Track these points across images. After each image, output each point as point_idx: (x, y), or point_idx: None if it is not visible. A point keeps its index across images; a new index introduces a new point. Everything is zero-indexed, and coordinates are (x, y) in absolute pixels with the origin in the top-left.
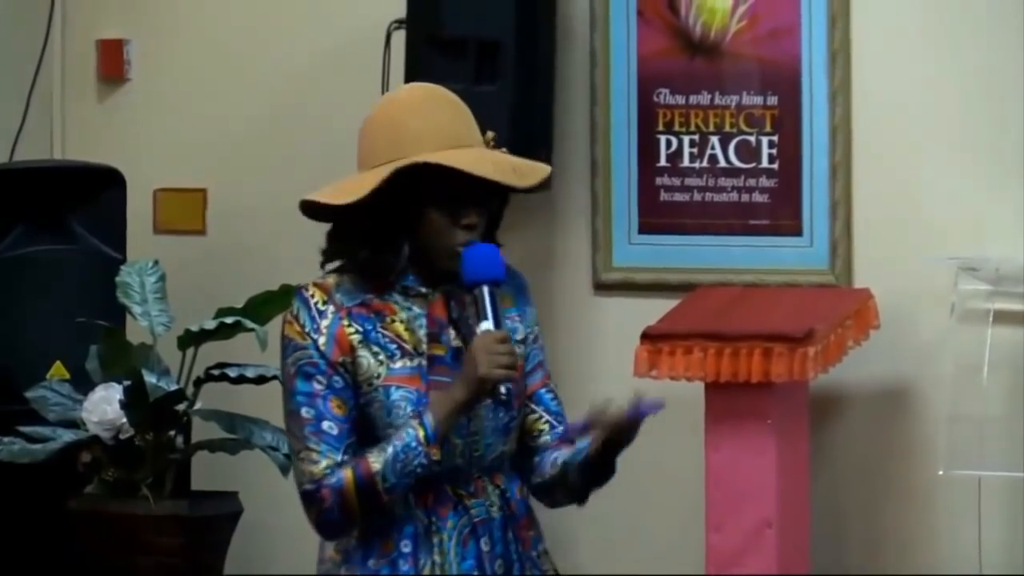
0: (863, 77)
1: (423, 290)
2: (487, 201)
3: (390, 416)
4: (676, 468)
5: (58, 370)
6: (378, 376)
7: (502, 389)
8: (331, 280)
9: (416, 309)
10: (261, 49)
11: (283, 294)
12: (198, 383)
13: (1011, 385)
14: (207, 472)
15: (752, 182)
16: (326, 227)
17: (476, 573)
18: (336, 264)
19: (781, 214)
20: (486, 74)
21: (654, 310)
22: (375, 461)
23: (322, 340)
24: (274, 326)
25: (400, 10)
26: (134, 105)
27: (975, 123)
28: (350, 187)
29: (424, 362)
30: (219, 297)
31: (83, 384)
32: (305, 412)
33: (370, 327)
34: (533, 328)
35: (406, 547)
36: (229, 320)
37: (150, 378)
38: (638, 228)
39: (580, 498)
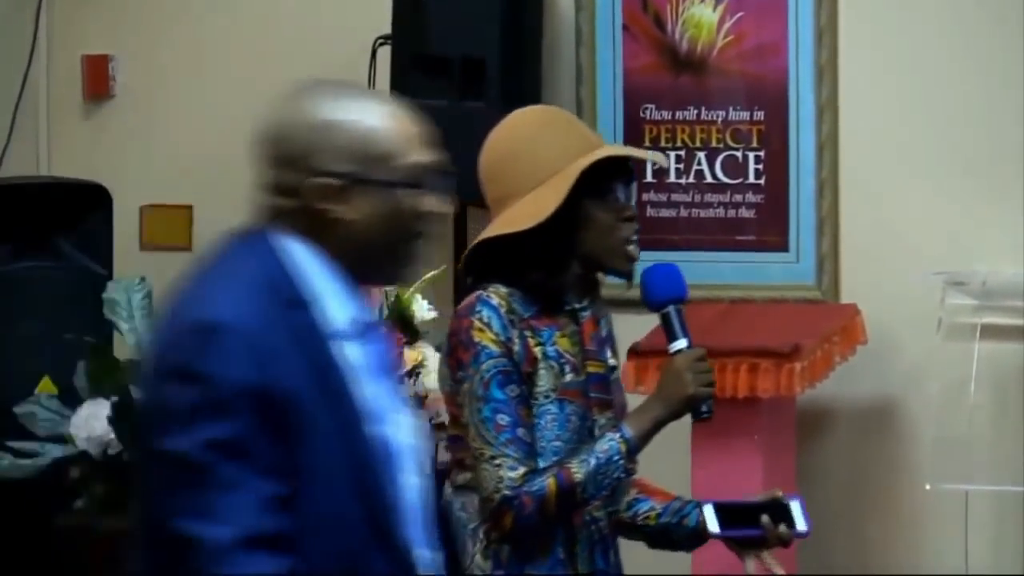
0: (850, 93)
1: (577, 306)
2: (632, 191)
3: (560, 429)
4: (662, 484)
5: (46, 386)
6: (555, 389)
7: (704, 408)
8: (504, 291)
9: (573, 326)
10: (247, 65)
11: None
12: None
13: (998, 399)
14: None
15: (739, 198)
16: None
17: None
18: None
19: (768, 230)
20: (471, 91)
21: (642, 326)
22: (577, 471)
23: (516, 348)
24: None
25: (385, 27)
26: (120, 121)
27: (962, 139)
28: (523, 215)
29: (583, 377)
30: None
31: (71, 400)
32: (501, 419)
33: (546, 340)
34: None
35: (561, 554)
36: None
37: (138, 394)
38: None
39: (656, 546)
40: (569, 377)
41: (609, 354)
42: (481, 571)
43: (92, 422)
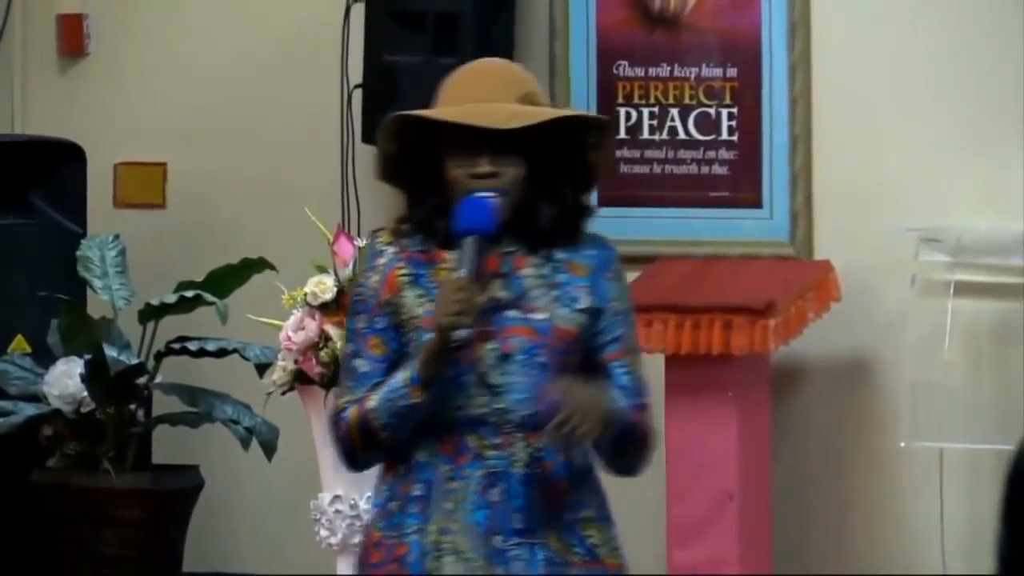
0: (823, 49)
1: (503, 248)
2: (504, 150)
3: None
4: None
5: (19, 344)
6: (416, 317)
7: (458, 335)
8: (409, 227)
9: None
10: (222, 24)
11: (243, 267)
12: (159, 357)
13: (972, 356)
14: (168, 446)
15: (712, 154)
16: (283, 204)
17: (487, 524)
18: None
19: (741, 186)
20: (445, 47)
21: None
22: (372, 399)
23: (375, 279)
24: (236, 299)
25: None
26: (94, 80)
27: (935, 95)
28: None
29: None
30: (179, 271)
31: (44, 358)
32: (347, 347)
33: (422, 272)
34: (614, 303)
35: (417, 491)
36: (189, 294)
37: (111, 352)
38: (598, 200)
39: (617, 471)
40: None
41: (497, 287)
42: (372, 505)
43: (65, 380)
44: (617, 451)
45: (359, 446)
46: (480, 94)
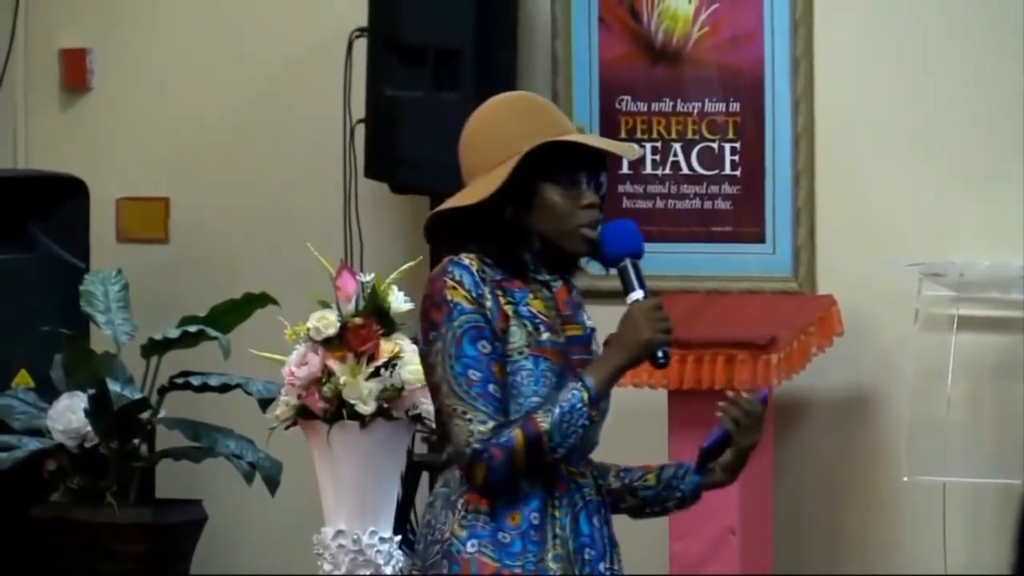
0: (826, 84)
1: (548, 278)
2: (600, 181)
3: (536, 385)
4: None
5: (23, 378)
6: (529, 346)
7: (660, 353)
8: (475, 254)
9: (545, 291)
10: (224, 58)
11: (246, 302)
12: (162, 391)
13: (975, 391)
14: (171, 480)
15: (715, 189)
16: (286, 239)
17: (588, 551)
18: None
19: (744, 221)
20: (447, 82)
21: (618, 317)
22: (543, 421)
23: (489, 305)
24: (238, 334)
25: (362, 18)
26: (97, 114)
27: (938, 130)
28: (476, 191)
29: (563, 339)
30: (182, 306)
31: (48, 392)
32: (472, 374)
33: (517, 300)
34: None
35: (535, 519)
36: (192, 329)
37: (114, 386)
38: None
39: (643, 513)
40: (545, 336)
41: (585, 317)
42: (458, 540)
43: (69, 415)
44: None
45: (521, 469)
46: (562, 123)
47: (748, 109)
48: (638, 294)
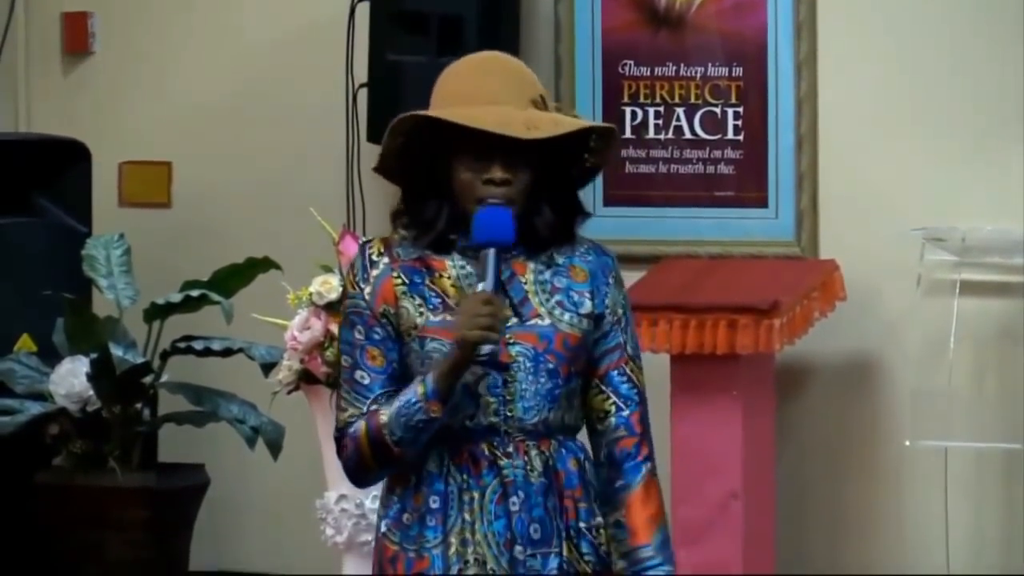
0: (828, 49)
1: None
2: (516, 157)
3: (423, 367)
4: None
5: (25, 343)
6: (416, 327)
7: (484, 350)
8: (397, 236)
9: (470, 268)
10: (227, 23)
11: (248, 267)
12: (164, 356)
13: (977, 356)
14: (174, 445)
15: (718, 154)
16: (288, 203)
17: (507, 535)
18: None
19: (747, 186)
20: (449, 48)
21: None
22: (384, 414)
23: (368, 290)
24: (241, 298)
25: None
26: (99, 78)
27: (941, 96)
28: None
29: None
30: (185, 270)
31: (50, 357)
32: (344, 360)
33: (419, 280)
34: (614, 309)
35: (434, 503)
36: (195, 293)
37: (117, 351)
38: (603, 200)
39: None
40: (439, 317)
41: (529, 299)
42: (380, 519)
43: (71, 379)
44: None
45: (370, 461)
46: (491, 94)
47: (751, 74)
48: (484, 286)
